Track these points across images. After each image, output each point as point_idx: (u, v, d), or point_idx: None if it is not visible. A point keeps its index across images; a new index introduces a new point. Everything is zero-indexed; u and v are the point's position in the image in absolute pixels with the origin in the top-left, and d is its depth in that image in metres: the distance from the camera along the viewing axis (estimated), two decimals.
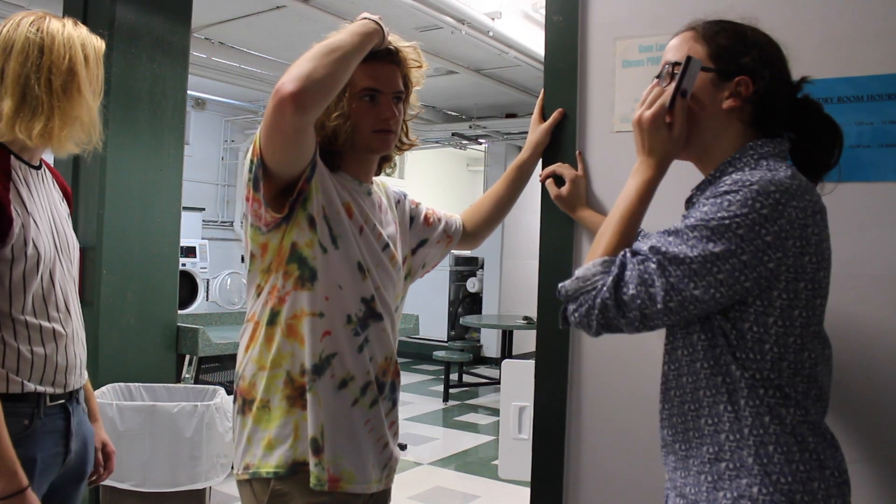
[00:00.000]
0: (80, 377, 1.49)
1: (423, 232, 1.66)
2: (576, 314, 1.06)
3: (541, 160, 1.74)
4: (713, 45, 1.13)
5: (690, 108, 1.12)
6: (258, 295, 1.38)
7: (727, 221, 0.99)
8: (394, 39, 1.42)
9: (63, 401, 1.45)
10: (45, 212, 1.44)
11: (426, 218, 1.67)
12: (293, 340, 1.33)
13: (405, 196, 1.66)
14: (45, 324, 1.40)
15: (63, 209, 1.54)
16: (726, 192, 1.01)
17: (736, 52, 1.12)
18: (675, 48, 1.16)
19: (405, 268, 1.59)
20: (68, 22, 1.44)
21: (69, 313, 1.46)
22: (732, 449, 1.03)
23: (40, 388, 1.38)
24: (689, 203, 1.16)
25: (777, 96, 1.12)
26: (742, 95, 1.11)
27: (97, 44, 1.48)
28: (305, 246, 1.33)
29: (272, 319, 1.34)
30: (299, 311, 1.33)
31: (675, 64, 1.14)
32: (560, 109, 1.70)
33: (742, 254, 0.98)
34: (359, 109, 1.39)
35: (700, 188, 1.14)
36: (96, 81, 1.47)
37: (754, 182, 1.00)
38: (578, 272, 1.07)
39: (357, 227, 1.40)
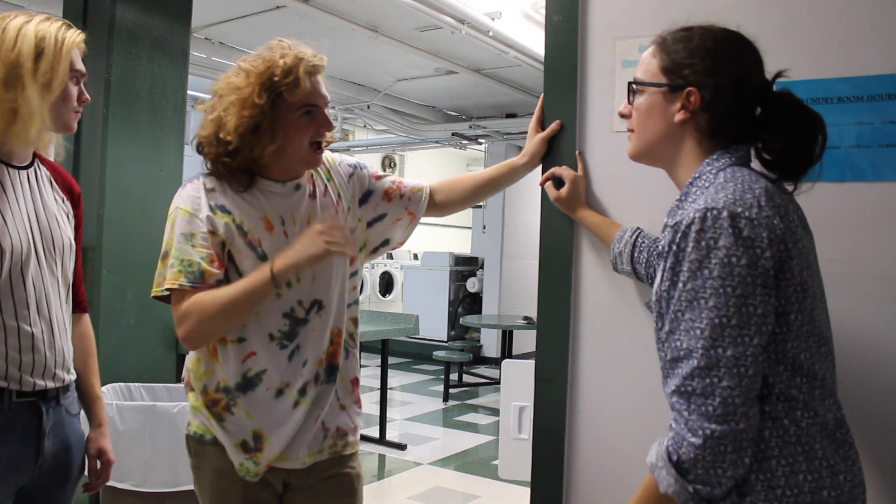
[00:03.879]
0: (54, 378, 1.46)
1: (380, 207, 1.65)
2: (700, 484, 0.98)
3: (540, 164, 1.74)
4: (665, 59, 1.14)
5: (647, 123, 1.15)
6: None
7: (712, 283, 0.98)
8: (306, 53, 1.44)
9: (34, 398, 1.43)
10: (24, 209, 1.44)
11: (386, 192, 1.66)
12: (214, 361, 1.48)
13: (361, 167, 1.65)
14: (10, 321, 1.39)
15: (57, 208, 1.53)
16: (688, 241, 1.00)
17: (682, 63, 1.12)
18: (640, 63, 1.19)
19: (360, 239, 1.63)
20: (38, 17, 1.42)
21: (42, 313, 1.44)
22: None
23: (2, 384, 1.38)
24: (665, 227, 1.14)
25: (727, 102, 1.10)
26: (689, 107, 1.11)
27: (66, 35, 1.43)
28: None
29: None
30: (222, 339, 1.47)
31: (633, 82, 1.18)
32: (558, 121, 1.70)
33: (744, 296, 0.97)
34: (296, 125, 1.44)
35: (671, 213, 1.13)
36: (52, 74, 1.40)
37: (719, 208, 0.99)
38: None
39: (280, 234, 1.48)
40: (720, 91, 1.10)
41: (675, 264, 1.02)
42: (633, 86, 1.18)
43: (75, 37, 1.44)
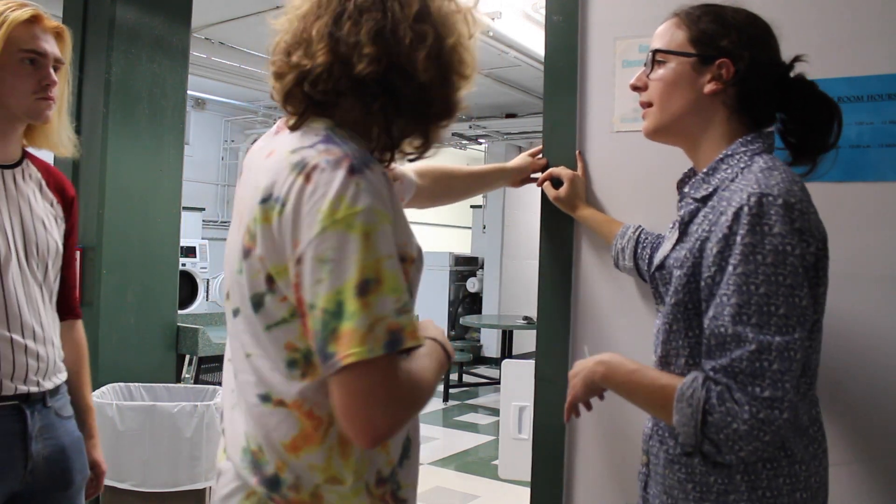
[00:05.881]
0: (38, 383, 1.42)
1: None
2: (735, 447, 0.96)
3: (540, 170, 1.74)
4: (693, 30, 1.12)
5: (673, 94, 1.12)
6: (306, 375, 0.93)
7: (770, 270, 0.95)
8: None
9: (16, 402, 1.39)
10: (4, 210, 1.40)
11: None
12: None
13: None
14: None
15: (44, 211, 1.49)
16: (745, 218, 0.97)
17: (715, 35, 1.11)
18: (659, 35, 1.17)
19: None
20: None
21: (23, 317, 1.40)
22: (721, 465, 1.02)
23: None
24: (684, 197, 1.14)
25: (759, 77, 1.10)
26: (723, 78, 1.10)
27: (9, 15, 1.35)
28: None
29: None
30: None
31: (657, 51, 1.14)
32: (544, 160, 1.72)
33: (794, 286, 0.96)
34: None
35: (694, 186, 1.12)
36: None
37: (775, 195, 0.97)
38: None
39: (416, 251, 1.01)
40: (756, 65, 1.09)
41: (724, 248, 0.99)
42: (657, 55, 1.14)
43: (17, 15, 1.35)
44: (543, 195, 1.71)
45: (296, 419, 0.93)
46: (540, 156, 1.75)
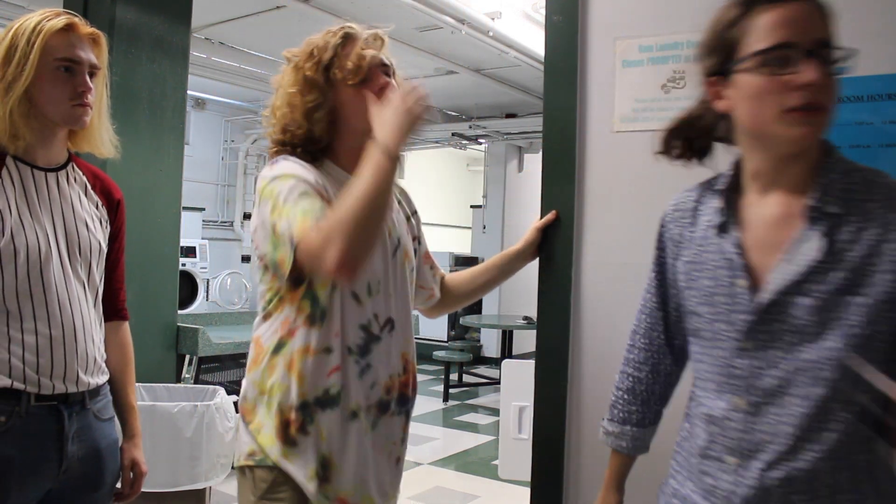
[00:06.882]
0: (77, 382, 1.42)
1: (419, 264, 1.56)
2: None
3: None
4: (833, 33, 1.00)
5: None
6: (266, 318, 1.38)
7: None
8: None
9: (54, 402, 1.39)
10: (46, 211, 1.42)
11: (426, 255, 1.60)
12: (290, 374, 1.32)
13: (417, 214, 1.57)
14: (27, 323, 1.36)
15: (88, 212, 1.50)
16: None
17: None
18: (821, 25, 0.98)
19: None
20: (35, 16, 1.39)
21: (64, 315, 1.40)
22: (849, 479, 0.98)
23: (18, 386, 1.34)
24: (810, 211, 0.99)
25: None
26: None
27: (43, 25, 1.38)
28: (320, 286, 1.33)
29: (277, 349, 1.34)
30: (304, 347, 1.32)
31: (837, 48, 0.96)
32: (554, 212, 1.70)
33: None
34: (357, 95, 1.38)
35: (821, 199, 0.98)
36: (19, 70, 1.36)
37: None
38: None
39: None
40: None
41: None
42: (837, 51, 0.96)
43: (52, 24, 1.38)
44: (543, 195, 1.71)
45: (254, 348, 1.38)
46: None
